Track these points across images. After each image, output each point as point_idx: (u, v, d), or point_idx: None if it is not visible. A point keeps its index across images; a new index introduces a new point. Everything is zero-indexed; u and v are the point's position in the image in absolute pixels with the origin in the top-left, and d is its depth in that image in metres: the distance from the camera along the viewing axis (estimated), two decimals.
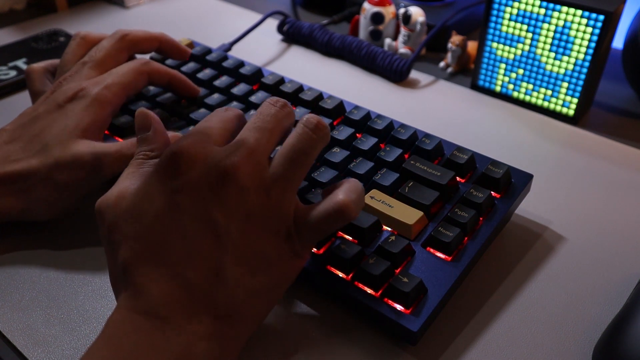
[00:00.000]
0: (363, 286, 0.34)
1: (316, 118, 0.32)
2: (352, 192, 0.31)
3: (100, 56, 0.43)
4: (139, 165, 0.33)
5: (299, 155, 0.31)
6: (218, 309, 0.29)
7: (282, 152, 0.31)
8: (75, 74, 0.42)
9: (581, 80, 0.51)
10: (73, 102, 0.40)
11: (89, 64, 0.43)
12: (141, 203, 0.30)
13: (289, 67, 0.61)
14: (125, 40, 0.45)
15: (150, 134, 0.34)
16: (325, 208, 0.31)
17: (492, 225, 0.37)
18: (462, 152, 0.41)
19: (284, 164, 0.31)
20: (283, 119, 0.33)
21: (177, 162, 0.30)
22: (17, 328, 0.34)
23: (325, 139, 0.33)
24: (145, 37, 0.46)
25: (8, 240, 0.40)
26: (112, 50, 0.44)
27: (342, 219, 0.31)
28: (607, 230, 0.42)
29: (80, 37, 0.46)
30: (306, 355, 0.33)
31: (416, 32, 0.61)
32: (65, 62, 0.44)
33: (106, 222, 0.31)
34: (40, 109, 0.41)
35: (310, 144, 0.31)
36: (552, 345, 0.34)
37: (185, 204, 0.29)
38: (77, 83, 0.41)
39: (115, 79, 0.42)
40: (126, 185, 0.31)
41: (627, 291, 0.37)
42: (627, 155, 0.49)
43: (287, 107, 0.33)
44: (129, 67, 0.43)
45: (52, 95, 0.41)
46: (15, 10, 0.74)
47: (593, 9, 0.48)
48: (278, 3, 0.77)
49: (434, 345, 0.33)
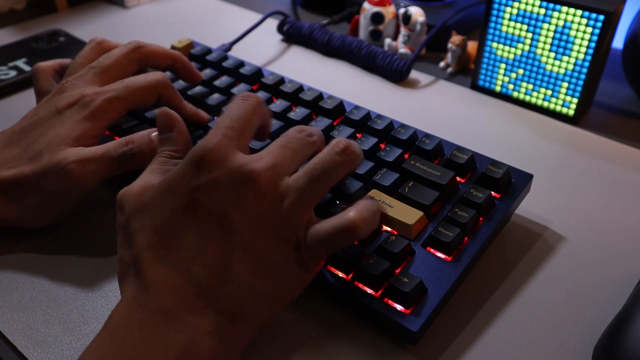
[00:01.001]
0: (363, 286, 0.34)
1: (345, 142, 0.33)
2: (365, 211, 0.32)
3: (108, 63, 0.42)
4: (163, 163, 0.34)
5: (319, 173, 0.32)
6: (223, 305, 0.29)
7: (306, 168, 0.32)
8: (79, 77, 0.41)
9: (581, 80, 0.51)
10: (72, 109, 0.39)
11: (94, 69, 0.42)
12: (162, 197, 0.31)
13: (289, 67, 0.61)
14: (139, 51, 0.43)
15: (174, 134, 0.35)
16: (335, 223, 0.31)
17: (492, 225, 0.37)
18: (462, 152, 0.41)
19: (302, 178, 0.32)
20: (307, 146, 0.34)
21: (201, 163, 0.31)
22: (17, 328, 0.34)
23: (353, 163, 0.33)
24: (159, 53, 0.45)
25: (8, 240, 0.40)
26: (123, 59, 0.43)
27: (351, 236, 0.31)
28: (607, 230, 0.42)
29: (96, 43, 0.45)
30: (306, 355, 0.33)
31: (416, 32, 0.61)
32: (75, 65, 0.44)
33: (125, 212, 0.32)
34: (41, 113, 0.40)
35: (333, 165, 0.32)
36: (552, 345, 0.34)
37: (203, 201, 0.30)
38: (80, 89, 0.40)
39: (121, 93, 0.40)
40: (149, 180, 0.32)
41: (627, 291, 0.37)
42: (627, 155, 0.49)
43: (312, 137, 0.34)
44: (139, 85, 0.41)
45: (54, 99, 0.41)
46: (15, 10, 0.74)
47: (593, 9, 0.48)
48: (278, 3, 0.77)
49: (434, 345, 0.33)
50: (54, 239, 0.40)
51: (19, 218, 0.39)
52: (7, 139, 0.40)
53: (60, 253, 0.39)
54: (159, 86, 0.41)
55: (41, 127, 0.39)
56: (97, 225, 0.41)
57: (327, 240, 0.31)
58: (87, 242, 0.40)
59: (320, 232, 0.31)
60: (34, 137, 0.39)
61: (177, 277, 0.29)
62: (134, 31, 0.69)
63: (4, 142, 0.39)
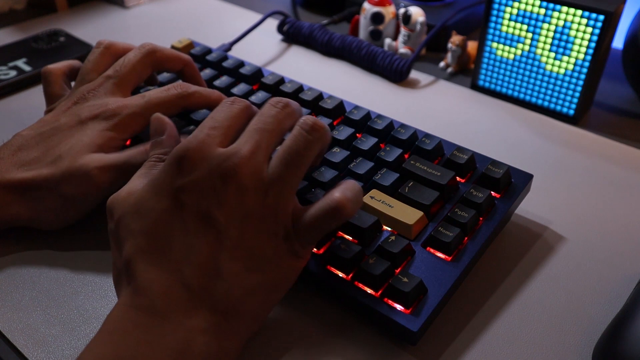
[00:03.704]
0: (363, 286, 0.34)
1: (312, 119, 0.33)
2: (349, 191, 0.32)
3: (125, 71, 0.42)
4: (151, 167, 0.34)
5: (294, 157, 0.32)
6: (216, 304, 0.29)
7: (279, 154, 0.32)
8: (99, 87, 0.42)
9: (581, 80, 0.51)
10: (95, 120, 0.40)
11: (113, 79, 0.42)
12: (147, 200, 0.31)
13: (289, 67, 0.61)
14: (153, 57, 0.43)
15: (164, 138, 0.36)
16: (322, 206, 0.31)
17: (492, 225, 0.37)
18: (462, 152, 0.41)
19: (280, 166, 0.31)
20: (284, 120, 0.33)
21: (182, 163, 0.31)
22: (17, 328, 0.34)
23: (323, 140, 0.33)
24: (173, 57, 0.45)
25: (8, 240, 0.40)
26: (139, 65, 0.43)
27: (338, 217, 0.31)
28: (607, 230, 0.42)
29: (105, 47, 0.44)
30: (306, 355, 0.33)
31: (416, 32, 0.61)
32: (87, 71, 0.43)
33: (114, 218, 0.32)
34: (62, 120, 0.40)
35: (305, 145, 0.32)
36: (552, 345, 0.34)
37: (188, 202, 0.30)
38: (103, 101, 0.41)
39: (143, 109, 0.40)
40: (136, 184, 0.33)
41: (627, 291, 0.37)
42: (627, 155, 0.49)
43: (288, 107, 0.34)
44: (163, 100, 0.41)
45: (75, 108, 0.41)
46: (15, 10, 0.74)
47: (593, 9, 0.48)
48: (278, 3, 0.77)
49: (434, 345, 0.33)
50: (55, 239, 0.40)
51: (34, 219, 0.39)
52: (24, 141, 0.40)
53: (60, 253, 0.39)
54: (180, 100, 0.41)
55: (63, 133, 0.39)
56: (97, 225, 0.41)
57: (315, 225, 0.31)
58: (87, 242, 0.40)
59: (308, 218, 0.31)
60: (54, 142, 0.39)
61: (169, 278, 0.29)
62: (134, 31, 0.69)
63: (21, 144, 0.40)
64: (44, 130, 0.40)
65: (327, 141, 0.34)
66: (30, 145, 0.40)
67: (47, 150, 0.39)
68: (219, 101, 0.42)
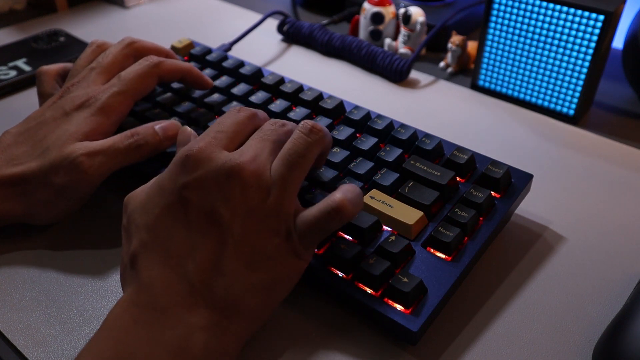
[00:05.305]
0: (363, 286, 0.34)
1: (311, 122, 0.34)
2: (350, 193, 0.32)
3: (107, 61, 0.43)
4: None
5: (295, 157, 0.32)
6: (216, 301, 0.30)
7: (280, 156, 0.33)
8: (83, 79, 0.43)
9: (581, 80, 0.51)
10: (79, 110, 0.40)
11: (96, 70, 0.43)
12: (154, 197, 0.32)
13: (289, 67, 0.61)
14: (132, 47, 0.45)
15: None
16: (323, 207, 0.32)
17: (492, 225, 0.37)
18: (462, 152, 0.41)
19: (281, 166, 0.32)
20: (282, 135, 0.35)
21: (187, 162, 0.32)
22: (17, 328, 0.34)
23: (322, 141, 0.34)
24: (152, 48, 0.46)
25: (8, 240, 0.40)
26: (119, 55, 0.44)
27: (339, 218, 0.32)
28: (607, 230, 0.42)
29: (97, 45, 0.46)
30: (306, 355, 0.33)
31: (416, 32, 0.61)
32: (77, 68, 0.45)
33: (127, 213, 0.33)
34: (47, 114, 0.41)
35: (305, 146, 0.33)
36: (552, 345, 0.34)
37: (192, 198, 0.31)
38: (85, 91, 0.41)
39: (122, 87, 0.41)
40: (150, 183, 0.34)
41: (627, 291, 0.37)
42: (627, 155, 0.49)
43: (285, 127, 0.35)
44: (136, 73, 0.42)
45: (60, 101, 0.41)
46: (15, 10, 0.74)
47: (593, 9, 0.48)
48: (278, 3, 0.77)
49: (434, 345, 0.33)
50: (54, 238, 0.40)
51: (27, 214, 0.39)
52: (13, 138, 0.40)
53: (60, 253, 0.39)
54: (153, 71, 0.43)
55: (49, 126, 0.40)
56: (97, 225, 0.41)
57: (317, 226, 0.31)
58: (87, 242, 0.40)
59: (310, 218, 0.32)
60: (40, 135, 0.40)
61: (170, 274, 0.30)
62: (134, 31, 0.69)
63: (10, 141, 0.40)
64: (30, 126, 0.41)
65: (326, 143, 0.35)
66: (18, 141, 0.40)
67: (34, 144, 0.39)
68: (189, 69, 0.45)
